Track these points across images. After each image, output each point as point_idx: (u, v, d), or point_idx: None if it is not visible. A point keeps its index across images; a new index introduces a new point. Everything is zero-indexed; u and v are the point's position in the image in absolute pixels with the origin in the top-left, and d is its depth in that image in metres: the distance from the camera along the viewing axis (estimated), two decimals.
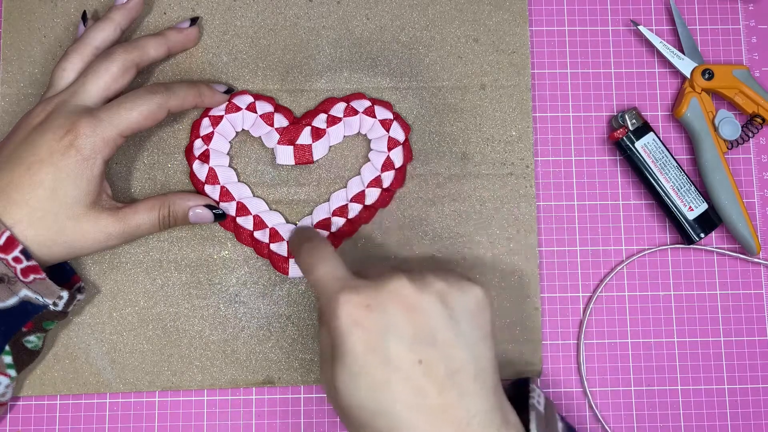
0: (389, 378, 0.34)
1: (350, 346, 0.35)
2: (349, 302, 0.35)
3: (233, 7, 0.51)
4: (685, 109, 0.50)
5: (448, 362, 0.35)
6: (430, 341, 0.35)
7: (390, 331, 0.35)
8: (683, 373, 0.50)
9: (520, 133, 0.50)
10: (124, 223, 0.43)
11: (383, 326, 0.35)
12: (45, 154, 0.41)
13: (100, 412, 0.48)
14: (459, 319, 0.36)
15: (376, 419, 0.35)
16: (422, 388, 0.35)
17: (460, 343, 0.36)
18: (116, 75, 0.44)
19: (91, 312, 0.48)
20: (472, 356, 0.36)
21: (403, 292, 0.36)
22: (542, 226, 0.51)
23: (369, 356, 0.34)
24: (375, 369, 0.34)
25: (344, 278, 0.37)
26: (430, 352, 0.35)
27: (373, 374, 0.34)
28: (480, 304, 0.37)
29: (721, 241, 0.51)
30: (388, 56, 0.51)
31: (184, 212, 0.46)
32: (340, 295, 0.36)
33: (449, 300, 0.36)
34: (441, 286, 0.37)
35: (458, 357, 0.35)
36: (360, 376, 0.34)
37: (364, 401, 0.35)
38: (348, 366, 0.35)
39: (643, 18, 0.53)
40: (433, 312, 0.36)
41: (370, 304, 0.35)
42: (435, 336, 0.35)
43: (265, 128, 0.48)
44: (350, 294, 0.36)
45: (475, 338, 0.36)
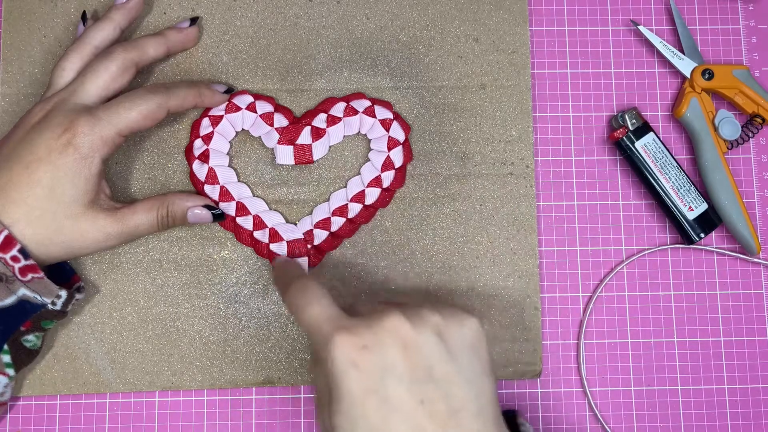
0: (389, 419, 0.33)
1: (347, 388, 0.34)
2: (344, 343, 0.34)
3: (233, 7, 0.51)
4: (685, 109, 0.50)
5: (449, 400, 0.34)
6: (430, 379, 0.34)
7: (388, 371, 0.34)
8: (683, 373, 0.50)
9: (520, 132, 0.50)
10: (122, 223, 0.43)
11: (381, 367, 0.34)
12: (43, 153, 0.41)
13: (100, 412, 0.48)
14: (457, 353, 0.35)
15: None
16: (423, 429, 0.34)
17: (460, 380, 0.35)
18: (115, 74, 0.44)
19: (91, 312, 0.48)
20: (473, 392, 0.35)
21: (399, 329, 0.35)
22: (542, 226, 0.51)
23: (368, 398, 0.34)
24: (374, 411, 0.33)
25: (337, 318, 0.36)
26: (431, 391, 0.34)
27: (373, 416, 0.33)
28: (477, 336, 0.37)
29: (721, 241, 0.51)
30: (388, 56, 0.51)
31: (182, 212, 0.46)
32: (335, 336, 0.35)
33: (446, 334, 0.36)
34: (437, 321, 0.36)
35: (459, 395, 0.34)
36: (359, 419, 0.34)
37: None
38: (346, 409, 0.34)
39: (643, 18, 0.53)
40: (431, 348, 0.35)
41: (366, 344, 0.34)
42: (434, 373, 0.34)
43: (265, 128, 0.48)
44: (345, 334, 0.34)
45: (475, 373, 0.36)
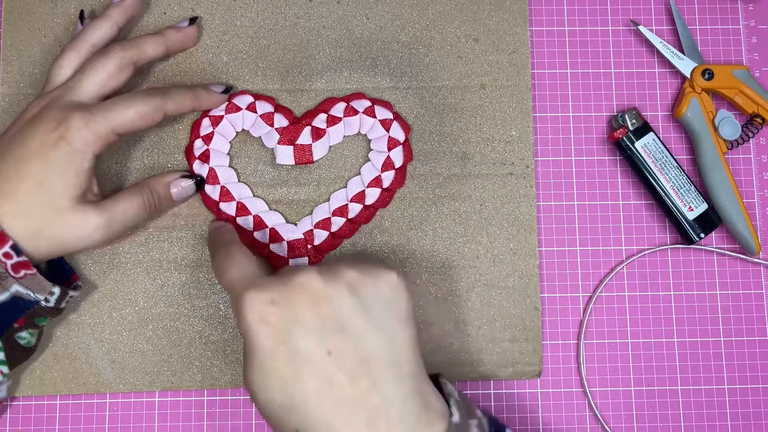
0: (299, 371, 0.34)
1: (258, 342, 0.35)
2: (254, 299, 0.35)
3: (233, 7, 0.51)
4: (685, 109, 0.50)
5: (359, 351, 0.35)
6: (339, 330, 0.35)
7: (297, 324, 0.35)
8: (683, 373, 0.50)
9: (520, 133, 0.50)
10: (109, 212, 0.42)
11: (289, 320, 0.35)
12: (35, 147, 0.41)
13: (100, 412, 0.48)
14: (371, 306, 0.36)
15: (290, 414, 0.34)
16: (333, 379, 0.34)
17: (370, 330, 0.35)
18: (113, 72, 0.44)
19: (91, 312, 0.48)
20: (386, 342, 0.35)
21: (310, 284, 0.35)
22: (542, 226, 0.51)
23: (277, 352, 0.34)
24: (284, 364, 0.34)
25: (251, 277, 0.37)
26: (339, 342, 0.34)
27: (283, 369, 0.34)
28: (395, 289, 0.37)
29: (721, 241, 0.51)
30: (388, 56, 0.50)
31: (165, 189, 0.46)
32: (245, 293, 0.35)
33: (360, 288, 0.36)
34: (352, 275, 0.36)
35: (370, 344, 0.35)
36: (270, 372, 0.34)
37: (276, 397, 0.34)
38: (258, 363, 0.35)
39: (643, 18, 0.53)
40: (342, 301, 0.35)
41: (274, 299, 0.35)
42: (344, 325, 0.35)
43: (265, 128, 0.48)
44: (255, 291, 0.35)
45: (390, 324, 0.36)
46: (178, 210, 0.49)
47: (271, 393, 0.35)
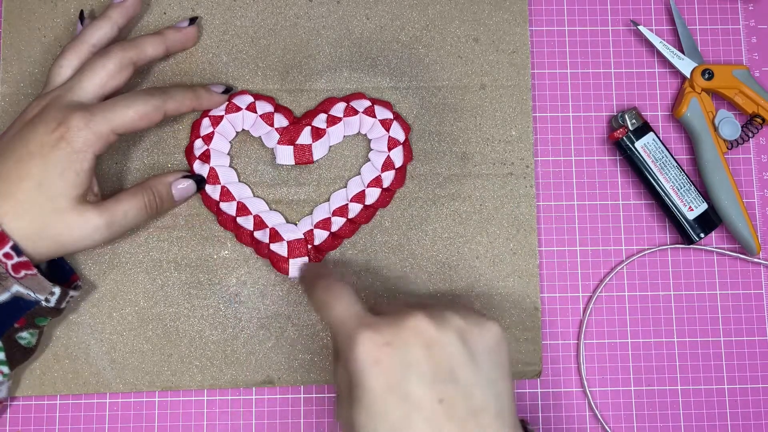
0: (410, 417, 0.34)
1: (370, 384, 0.34)
2: (368, 340, 0.35)
3: (233, 7, 0.51)
4: (685, 109, 0.50)
5: (469, 401, 0.34)
6: (451, 379, 0.35)
7: (410, 369, 0.34)
8: (683, 373, 0.50)
9: (520, 133, 0.50)
10: (109, 212, 0.43)
11: (403, 364, 0.34)
12: (35, 147, 0.41)
13: (100, 412, 0.48)
14: (479, 357, 0.36)
15: None
16: (442, 428, 0.34)
17: (480, 382, 0.35)
18: (113, 72, 0.44)
19: (91, 312, 0.48)
20: (493, 395, 0.35)
21: (422, 329, 0.35)
22: (542, 226, 0.51)
23: (389, 395, 0.34)
24: (395, 408, 0.34)
25: (361, 315, 0.36)
26: (451, 391, 0.34)
27: (393, 414, 0.34)
28: (499, 341, 0.37)
29: (721, 241, 0.51)
30: (388, 56, 0.50)
31: (167, 190, 0.46)
32: (358, 333, 0.35)
33: (469, 338, 0.36)
34: (460, 323, 0.36)
35: (479, 396, 0.35)
36: (380, 415, 0.34)
37: None
38: (367, 405, 0.34)
39: (643, 18, 0.53)
40: (452, 349, 0.35)
41: (389, 341, 0.35)
42: (456, 374, 0.35)
43: (265, 128, 0.48)
44: (369, 332, 0.35)
45: (496, 377, 0.36)
46: (178, 210, 0.49)
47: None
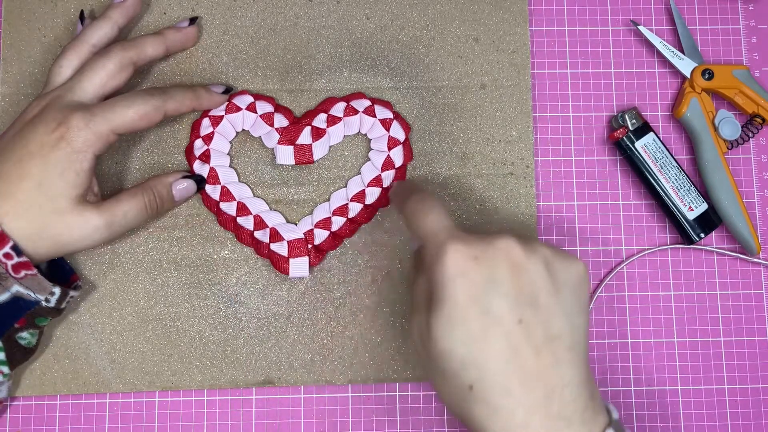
0: (488, 331, 0.34)
1: (452, 294, 0.35)
2: (457, 251, 0.35)
3: (233, 7, 0.51)
4: (685, 109, 0.50)
5: (547, 327, 0.35)
6: (532, 303, 0.35)
7: (495, 285, 0.35)
8: (683, 373, 0.50)
9: (520, 133, 0.50)
10: (109, 213, 0.43)
11: (488, 280, 0.35)
12: (35, 147, 0.41)
13: (100, 412, 0.48)
14: (561, 287, 0.36)
15: (467, 369, 0.35)
16: (519, 348, 0.34)
17: (559, 311, 0.36)
18: (113, 72, 0.44)
19: (91, 312, 0.48)
20: (570, 326, 0.36)
21: (511, 250, 0.36)
22: (542, 226, 0.51)
23: (471, 307, 0.35)
24: (474, 320, 0.35)
25: (453, 229, 0.37)
26: (531, 314, 0.35)
27: (473, 324, 0.34)
28: (581, 278, 0.37)
29: (721, 241, 0.51)
30: (388, 56, 0.50)
31: (167, 190, 0.46)
32: (449, 244, 0.36)
33: (554, 268, 0.36)
34: (547, 253, 0.37)
35: (557, 324, 0.35)
36: (458, 324, 0.35)
37: (460, 349, 0.35)
38: (447, 313, 0.35)
39: (643, 18, 0.53)
40: (538, 276, 0.36)
41: (478, 256, 0.35)
42: (537, 299, 0.35)
43: (265, 128, 0.48)
44: (459, 244, 0.36)
45: (575, 310, 0.36)
46: (178, 210, 0.49)
47: (454, 345, 0.35)
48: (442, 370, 0.36)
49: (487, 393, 0.34)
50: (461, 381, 0.35)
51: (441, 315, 0.35)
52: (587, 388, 0.36)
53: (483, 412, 0.35)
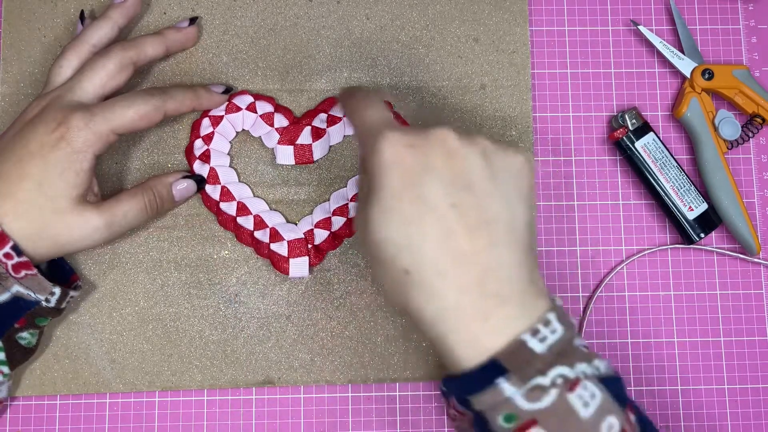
0: (422, 216, 0.35)
1: (388, 180, 0.35)
2: (392, 139, 0.36)
3: (233, 7, 0.51)
4: (685, 109, 0.50)
5: (482, 211, 0.35)
6: (467, 188, 0.35)
7: (429, 171, 0.35)
8: (683, 373, 0.50)
9: (520, 133, 0.50)
10: (109, 213, 0.43)
11: (423, 166, 0.35)
12: (35, 147, 0.41)
13: (100, 412, 0.48)
14: (498, 175, 0.36)
15: (403, 254, 0.35)
16: (453, 230, 0.35)
17: (496, 196, 0.36)
18: (113, 72, 0.44)
19: (91, 312, 0.48)
20: (507, 211, 0.36)
21: (447, 139, 0.36)
22: (542, 226, 0.51)
23: (405, 192, 0.35)
24: (409, 205, 0.35)
25: (390, 121, 0.38)
26: (466, 198, 0.35)
27: (407, 210, 0.35)
28: (522, 169, 0.37)
29: (721, 241, 0.51)
30: (388, 56, 0.50)
31: (168, 190, 0.46)
32: (386, 132, 0.36)
33: (492, 157, 0.37)
34: (486, 143, 0.37)
35: (493, 208, 0.36)
36: (394, 210, 0.35)
37: (394, 235, 0.35)
38: (383, 200, 0.35)
39: (643, 18, 0.53)
40: (474, 163, 0.36)
41: (413, 144, 0.36)
42: (472, 184, 0.36)
43: (265, 128, 0.48)
44: (396, 133, 0.36)
45: (513, 196, 0.36)
46: (178, 210, 0.49)
47: (389, 231, 0.35)
48: (380, 258, 0.36)
49: (422, 276, 0.35)
50: (397, 266, 0.35)
51: (377, 203, 0.35)
52: (527, 272, 0.36)
53: (419, 295, 0.35)
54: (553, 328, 0.35)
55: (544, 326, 0.34)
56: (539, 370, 0.34)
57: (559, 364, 0.34)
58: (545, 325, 0.35)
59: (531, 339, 0.34)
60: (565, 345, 0.35)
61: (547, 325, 0.35)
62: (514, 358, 0.34)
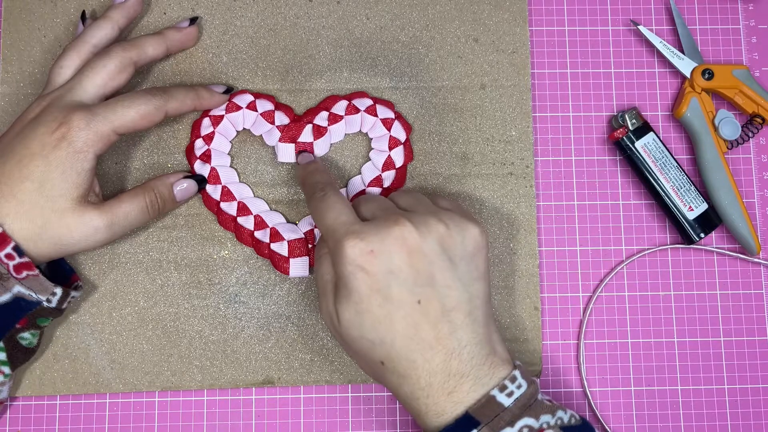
0: (390, 315, 0.38)
1: (356, 285, 0.38)
2: (354, 247, 0.38)
3: (233, 7, 0.51)
4: (685, 109, 0.50)
5: (444, 301, 0.39)
6: (429, 283, 0.39)
7: (393, 274, 0.38)
8: (683, 373, 0.50)
9: (520, 133, 0.50)
10: (110, 213, 0.43)
11: (387, 270, 0.38)
12: (37, 148, 0.41)
13: (100, 412, 0.48)
14: (457, 261, 0.39)
15: (377, 349, 0.39)
16: (419, 325, 0.38)
17: (456, 285, 0.39)
18: (113, 72, 0.44)
19: (91, 312, 0.48)
20: (467, 295, 0.39)
21: (407, 238, 0.39)
22: (542, 226, 0.51)
23: (373, 296, 0.38)
24: (378, 308, 0.38)
25: (350, 223, 0.40)
26: (428, 293, 0.39)
27: (377, 312, 0.38)
28: (477, 245, 0.40)
29: (721, 241, 0.51)
30: (388, 56, 0.51)
31: (169, 190, 0.46)
32: (346, 240, 0.39)
33: (449, 244, 0.39)
34: (442, 231, 0.39)
35: (453, 296, 0.39)
36: (364, 313, 0.38)
37: (367, 334, 0.39)
38: (353, 303, 0.39)
39: (643, 18, 0.53)
40: (434, 257, 0.39)
41: (374, 249, 0.38)
42: (433, 278, 0.39)
43: (266, 126, 0.48)
44: (356, 240, 0.39)
45: (471, 279, 0.40)
46: (178, 210, 0.49)
47: (362, 330, 0.39)
48: (356, 350, 0.40)
49: (395, 365, 0.39)
50: (372, 358, 0.39)
51: (348, 305, 0.39)
52: (486, 347, 0.39)
53: (394, 380, 0.39)
54: (519, 384, 0.39)
55: (511, 382, 0.39)
56: (508, 422, 0.37)
57: (525, 416, 0.38)
58: (511, 381, 0.39)
59: (499, 394, 0.38)
60: (529, 399, 0.38)
61: (513, 381, 0.39)
62: (485, 411, 0.38)
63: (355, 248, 0.38)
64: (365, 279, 0.38)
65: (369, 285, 0.38)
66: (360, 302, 0.38)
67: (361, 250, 0.38)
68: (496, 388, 0.38)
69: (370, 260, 0.38)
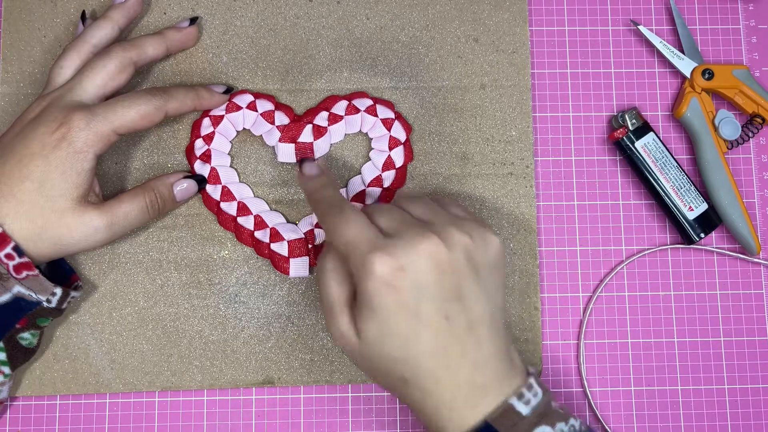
0: (418, 332, 0.37)
1: (383, 304, 0.37)
2: (382, 263, 0.37)
3: (233, 7, 0.51)
4: (685, 109, 0.50)
5: (469, 314, 0.38)
6: (457, 297, 0.38)
7: (422, 291, 0.37)
8: (683, 373, 0.50)
9: (520, 133, 0.50)
10: (110, 213, 0.43)
11: (416, 287, 0.37)
12: (37, 148, 0.41)
13: (100, 412, 0.48)
14: (482, 273, 0.39)
15: (400, 365, 0.38)
16: (446, 340, 0.37)
17: (481, 298, 0.38)
18: (113, 73, 0.44)
19: (91, 312, 0.48)
20: (490, 307, 0.39)
21: (437, 254, 0.37)
22: (542, 226, 0.51)
23: (401, 314, 0.37)
24: (406, 325, 0.37)
25: (374, 238, 0.38)
26: (456, 308, 0.37)
27: (403, 329, 0.37)
28: (499, 255, 0.40)
29: (721, 241, 0.51)
30: (388, 56, 0.51)
31: (169, 190, 0.46)
32: (373, 256, 0.37)
33: (474, 255, 0.38)
34: (467, 243, 0.38)
35: (478, 309, 0.38)
36: (392, 330, 0.37)
37: (393, 352, 0.37)
38: (379, 321, 0.37)
39: (643, 18, 0.53)
40: (461, 270, 0.38)
41: (403, 266, 0.37)
42: (461, 292, 0.38)
43: (266, 126, 0.48)
44: (384, 255, 0.37)
45: (493, 289, 0.39)
46: (178, 210, 0.49)
47: (388, 348, 0.37)
48: (375, 366, 0.39)
49: (419, 382, 0.38)
50: (395, 375, 0.38)
51: (373, 323, 0.37)
52: (506, 358, 0.39)
53: (417, 395, 0.38)
54: (535, 392, 0.38)
55: (528, 390, 0.38)
56: (525, 430, 0.37)
57: (542, 424, 0.37)
58: (528, 390, 0.38)
59: (517, 402, 0.38)
60: (545, 407, 0.38)
61: (530, 390, 0.38)
62: (503, 420, 0.37)
63: (385, 265, 0.36)
64: (393, 295, 0.37)
65: (396, 302, 0.37)
66: (387, 320, 0.37)
67: (391, 267, 0.37)
68: (514, 397, 0.38)
69: (400, 276, 0.37)
